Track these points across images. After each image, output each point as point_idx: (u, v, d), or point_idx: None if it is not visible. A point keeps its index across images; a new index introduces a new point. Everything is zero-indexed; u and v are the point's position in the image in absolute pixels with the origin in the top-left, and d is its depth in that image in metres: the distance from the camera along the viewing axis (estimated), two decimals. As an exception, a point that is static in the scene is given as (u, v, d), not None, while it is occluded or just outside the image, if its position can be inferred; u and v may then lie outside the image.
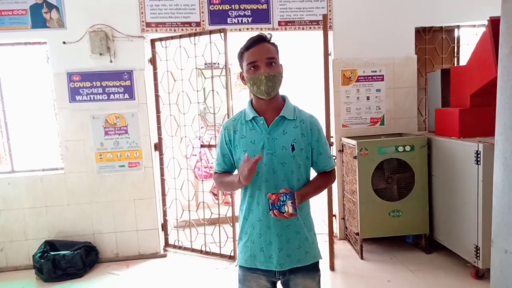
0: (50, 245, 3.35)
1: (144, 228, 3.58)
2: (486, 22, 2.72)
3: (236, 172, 1.57)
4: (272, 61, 1.44)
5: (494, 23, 2.61)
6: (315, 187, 1.54)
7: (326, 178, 1.60)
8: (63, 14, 3.32)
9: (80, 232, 3.52)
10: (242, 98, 8.37)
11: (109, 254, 3.57)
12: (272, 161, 1.46)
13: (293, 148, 1.46)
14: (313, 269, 1.55)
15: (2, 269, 3.45)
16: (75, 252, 3.25)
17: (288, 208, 1.31)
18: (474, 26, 3.81)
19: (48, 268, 3.15)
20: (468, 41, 3.86)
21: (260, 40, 1.45)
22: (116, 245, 3.57)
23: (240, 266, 1.58)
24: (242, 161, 1.40)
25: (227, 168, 1.62)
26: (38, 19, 3.30)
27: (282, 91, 1.56)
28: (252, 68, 1.44)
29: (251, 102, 1.56)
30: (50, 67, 3.39)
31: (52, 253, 3.23)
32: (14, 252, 3.47)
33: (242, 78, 1.52)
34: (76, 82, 3.38)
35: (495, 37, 2.59)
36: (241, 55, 1.50)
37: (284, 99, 1.56)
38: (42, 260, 3.17)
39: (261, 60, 1.43)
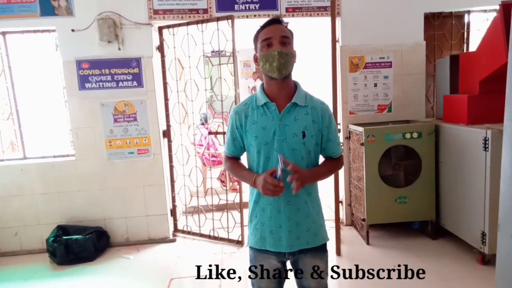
0: (62, 229, 3.43)
1: (153, 214, 3.65)
2: (497, 7, 2.68)
3: (246, 158, 1.59)
4: (286, 41, 1.45)
5: (505, 8, 2.57)
6: (323, 171, 1.57)
7: (334, 163, 1.63)
8: (71, 1, 3.32)
9: (91, 217, 3.59)
10: (246, 87, 8.44)
11: (120, 239, 3.65)
12: (282, 148, 1.47)
13: (304, 135, 1.48)
14: (321, 249, 1.60)
15: (16, 253, 3.55)
16: (87, 236, 3.33)
17: (278, 172, 1.36)
18: (485, 11, 3.74)
19: (61, 252, 3.24)
20: (479, 27, 3.81)
21: (276, 21, 1.47)
22: (126, 230, 3.65)
23: (251, 247, 1.63)
24: (265, 179, 1.40)
25: (237, 152, 1.66)
26: (46, 7, 3.31)
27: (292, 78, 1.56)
28: (266, 46, 1.45)
29: (262, 86, 1.56)
30: (59, 55, 3.41)
31: (64, 237, 3.32)
32: (27, 236, 3.57)
33: (256, 60, 1.52)
34: (85, 70, 3.41)
35: (506, 22, 2.56)
36: (256, 36, 1.52)
37: (296, 84, 1.57)
38: (55, 244, 3.25)
39: (275, 38, 1.44)
